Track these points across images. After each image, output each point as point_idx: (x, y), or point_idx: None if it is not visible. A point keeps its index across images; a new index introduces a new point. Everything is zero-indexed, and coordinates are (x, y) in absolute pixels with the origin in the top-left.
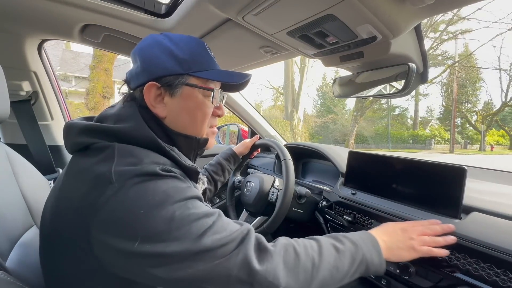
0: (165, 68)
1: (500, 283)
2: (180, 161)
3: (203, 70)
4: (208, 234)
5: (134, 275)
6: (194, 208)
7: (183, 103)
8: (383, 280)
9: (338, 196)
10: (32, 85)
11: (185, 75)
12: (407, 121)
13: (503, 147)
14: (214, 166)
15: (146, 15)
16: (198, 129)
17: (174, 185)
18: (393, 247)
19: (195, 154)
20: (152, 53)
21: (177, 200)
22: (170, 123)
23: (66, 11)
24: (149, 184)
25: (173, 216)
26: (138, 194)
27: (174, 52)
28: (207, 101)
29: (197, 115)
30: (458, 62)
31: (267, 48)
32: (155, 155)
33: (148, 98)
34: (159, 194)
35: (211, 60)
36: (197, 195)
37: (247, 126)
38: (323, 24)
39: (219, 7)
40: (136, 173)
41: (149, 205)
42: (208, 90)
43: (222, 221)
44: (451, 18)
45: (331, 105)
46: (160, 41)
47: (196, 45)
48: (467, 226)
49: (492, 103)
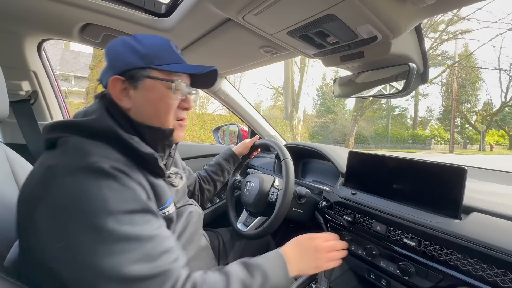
0: (128, 62)
1: (500, 284)
2: (137, 149)
3: (165, 64)
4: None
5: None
6: (129, 224)
7: (146, 95)
8: (383, 280)
9: (338, 196)
10: (32, 85)
11: (147, 68)
12: (406, 121)
13: (502, 147)
14: (214, 166)
15: (146, 14)
16: (162, 120)
17: (117, 191)
18: (302, 268)
19: (162, 145)
20: (117, 51)
21: (113, 211)
22: (135, 115)
23: (66, 11)
24: (90, 184)
25: (102, 228)
26: (76, 194)
27: (136, 48)
28: (171, 93)
29: (160, 106)
30: (458, 62)
31: (267, 48)
32: (108, 150)
33: (114, 92)
34: (96, 200)
35: (175, 56)
36: (140, 208)
37: (247, 126)
38: (323, 24)
39: (219, 6)
40: (79, 167)
41: (82, 210)
42: (169, 82)
43: (155, 247)
44: (451, 18)
45: (331, 105)
46: (125, 40)
47: (159, 43)
48: (467, 226)
49: (491, 103)
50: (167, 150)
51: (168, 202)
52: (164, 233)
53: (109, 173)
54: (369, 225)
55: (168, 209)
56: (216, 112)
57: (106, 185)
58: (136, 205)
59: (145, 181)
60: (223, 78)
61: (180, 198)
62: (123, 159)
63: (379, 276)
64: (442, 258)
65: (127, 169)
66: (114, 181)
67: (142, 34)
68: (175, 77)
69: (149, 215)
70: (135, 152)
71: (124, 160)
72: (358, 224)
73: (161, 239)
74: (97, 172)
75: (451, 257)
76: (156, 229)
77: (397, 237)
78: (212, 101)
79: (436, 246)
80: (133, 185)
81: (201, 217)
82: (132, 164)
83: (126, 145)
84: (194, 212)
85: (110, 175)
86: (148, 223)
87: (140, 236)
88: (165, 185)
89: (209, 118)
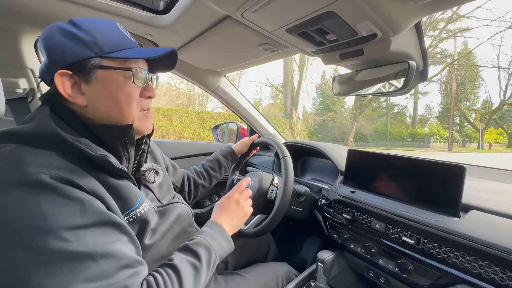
0: (73, 53)
1: (498, 281)
2: (86, 152)
3: (117, 51)
4: (82, 279)
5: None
6: (76, 241)
7: (101, 87)
8: (381, 278)
9: (337, 194)
10: (29, 83)
11: (97, 57)
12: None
13: (501, 145)
14: (211, 161)
15: (144, 12)
16: (125, 113)
17: (58, 205)
18: (235, 224)
19: (123, 143)
20: (55, 42)
21: (55, 228)
22: (93, 112)
23: (63, 7)
24: (26, 200)
25: (43, 248)
26: (10, 213)
27: (79, 36)
28: (129, 82)
29: (120, 98)
30: (457, 61)
31: (266, 46)
32: (51, 157)
33: (63, 89)
34: (34, 218)
35: (126, 39)
36: (91, 221)
37: (246, 124)
38: (322, 21)
39: (217, 3)
40: (13, 181)
41: (18, 230)
42: (126, 70)
43: (110, 263)
44: (450, 16)
45: (330, 104)
46: (63, 28)
47: (105, 26)
48: (466, 224)
49: (490, 102)
50: (131, 147)
51: (138, 203)
52: (122, 246)
53: (48, 185)
54: (368, 223)
55: (140, 209)
56: (215, 110)
57: (46, 199)
58: (84, 219)
59: (100, 186)
60: (222, 76)
61: (164, 194)
62: (68, 166)
63: (378, 273)
64: (440, 256)
65: (73, 177)
66: (55, 194)
67: (81, 18)
68: (132, 64)
69: (104, 228)
70: (84, 156)
71: (70, 167)
72: (357, 222)
73: (117, 253)
74: (34, 186)
75: (450, 255)
76: (112, 243)
77: (396, 235)
78: (211, 99)
79: (435, 244)
80: (81, 195)
81: (190, 215)
82: (82, 169)
83: (73, 150)
84: (182, 211)
85: (49, 187)
86: (102, 237)
87: (91, 253)
88: (131, 186)
89: (208, 116)
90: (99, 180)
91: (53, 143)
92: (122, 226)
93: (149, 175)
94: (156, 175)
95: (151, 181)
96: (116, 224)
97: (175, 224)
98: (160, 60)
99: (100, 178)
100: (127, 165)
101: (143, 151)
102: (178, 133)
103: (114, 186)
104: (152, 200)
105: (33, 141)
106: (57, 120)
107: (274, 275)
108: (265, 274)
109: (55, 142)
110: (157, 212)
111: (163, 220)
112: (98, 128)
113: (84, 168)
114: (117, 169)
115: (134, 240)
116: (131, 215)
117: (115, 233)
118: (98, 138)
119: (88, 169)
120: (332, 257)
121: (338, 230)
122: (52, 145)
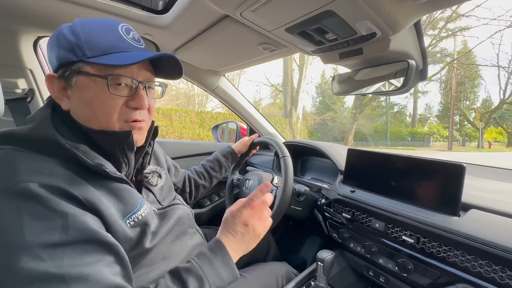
0: (58, 56)
1: (498, 280)
2: (82, 159)
3: (101, 55)
4: None
5: None
6: (51, 260)
7: (80, 94)
8: (381, 277)
9: (337, 194)
10: (28, 83)
11: (79, 62)
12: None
13: (501, 144)
14: (211, 162)
15: (143, 11)
16: (102, 124)
17: (39, 219)
18: (244, 249)
19: (122, 149)
20: (50, 43)
21: (30, 244)
22: (76, 118)
23: (62, 7)
24: (8, 210)
25: (13, 265)
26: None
27: (67, 37)
28: (107, 91)
29: (95, 108)
30: (457, 59)
31: (265, 45)
32: (46, 162)
33: (52, 91)
34: (10, 230)
35: (119, 43)
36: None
37: (246, 124)
38: (322, 20)
39: (216, 3)
40: (3, 187)
41: None
42: (102, 78)
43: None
44: (450, 15)
45: (330, 103)
46: (61, 28)
47: (97, 27)
48: (466, 223)
49: (490, 101)
50: (130, 153)
51: (139, 205)
52: (102, 268)
53: (33, 195)
54: (368, 223)
55: (141, 212)
56: (215, 110)
57: (27, 211)
58: (64, 236)
59: (96, 194)
60: (221, 75)
61: (165, 196)
62: (63, 173)
63: (378, 273)
64: (440, 255)
65: (65, 185)
66: (38, 205)
67: (85, 19)
68: (115, 70)
69: (86, 246)
70: (81, 163)
71: (64, 174)
72: (357, 221)
73: (94, 278)
74: (19, 195)
75: (450, 254)
76: (91, 264)
77: (396, 234)
78: (211, 99)
79: (435, 243)
80: (66, 209)
81: (190, 216)
82: (78, 176)
83: (70, 156)
84: (182, 213)
85: (34, 197)
86: (82, 256)
87: (63, 275)
88: (131, 189)
89: (208, 116)
90: (97, 184)
91: (50, 148)
92: (109, 245)
93: (152, 178)
94: (159, 179)
95: (153, 184)
96: (102, 243)
97: (176, 226)
98: (163, 66)
99: (98, 183)
100: (127, 170)
101: (147, 153)
102: (178, 133)
103: (114, 189)
104: (153, 202)
105: (29, 145)
106: (57, 123)
107: (274, 274)
108: (265, 274)
109: (51, 147)
110: (157, 215)
111: (163, 222)
112: (96, 134)
113: (81, 174)
114: (115, 178)
115: (122, 260)
116: (132, 218)
117: (98, 253)
118: (96, 144)
119: (85, 174)
120: (332, 256)
121: (338, 230)
122: (48, 149)
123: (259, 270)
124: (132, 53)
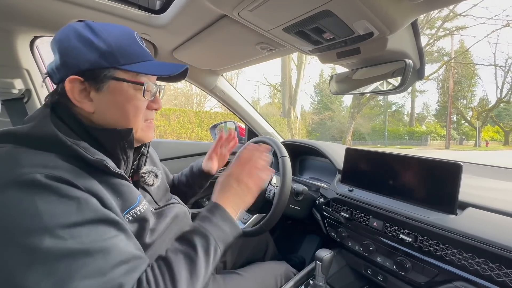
0: (87, 61)
1: (494, 278)
2: (84, 155)
3: (132, 63)
4: (78, 276)
5: None
6: (72, 238)
7: (111, 97)
8: (380, 276)
9: (335, 193)
10: (25, 83)
11: (111, 68)
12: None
13: (498, 143)
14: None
15: (140, 11)
16: (130, 124)
17: (54, 204)
18: (239, 203)
19: (122, 147)
20: (70, 45)
21: (50, 226)
22: (99, 119)
23: (58, 7)
24: (21, 199)
25: (37, 247)
26: (4, 212)
27: (96, 44)
28: (139, 95)
29: (128, 110)
30: (454, 59)
31: (263, 45)
32: (48, 157)
33: (72, 94)
34: (28, 216)
35: (141, 52)
36: (88, 219)
37: (244, 124)
38: (319, 20)
39: (214, 2)
40: (8, 181)
41: (12, 229)
42: (138, 85)
43: (107, 260)
44: (447, 15)
45: (328, 102)
46: (79, 32)
47: (122, 35)
48: (463, 221)
49: (487, 99)
50: (130, 151)
51: (138, 201)
52: (119, 242)
53: (43, 184)
54: (366, 221)
55: (139, 208)
56: (213, 110)
57: (41, 198)
58: (81, 216)
59: (98, 185)
60: (219, 75)
61: (161, 196)
62: (65, 166)
63: (376, 271)
64: (437, 253)
65: (70, 176)
66: (50, 192)
67: (98, 23)
68: (143, 78)
69: (100, 224)
70: (82, 158)
71: (66, 167)
72: (355, 220)
73: (114, 250)
74: (28, 185)
75: (447, 252)
76: (109, 239)
77: (394, 233)
78: (209, 98)
79: (432, 241)
80: (77, 194)
81: (187, 215)
82: (80, 169)
83: (71, 152)
84: (179, 211)
85: (45, 186)
86: (99, 233)
87: (88, 249)
88: (130, 185)
89: (206, 115)
90: (98, 179)
91: (51, 144)
92: (119, 224)
93: (148, 178)
94: (155, 178)
95: (150, 184)
96: (113, 222)
97: (173, 223)
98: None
99: (98, 178)
100: (125, 168)
101: (143, 154)
102: (176, 132)
103: (114, 184)
104: (150, 202)
105: (30, 142)
106: (56, 122)
107: (273, 274)
108: (264, 273)
109: (53, 144)
110: (154, 214)
111: (161, 220)
112: (98, 131)
113: (82, 168)
114: (115, 174)
115: (132, 237)
116: (131, 213)
117: (112, 230)
118: (97, 141)
119: (86, 169)
120: (330, 255)
121: (336, 229)
122: (49, 146)
123: (258, 269)
124: (155, 62)
